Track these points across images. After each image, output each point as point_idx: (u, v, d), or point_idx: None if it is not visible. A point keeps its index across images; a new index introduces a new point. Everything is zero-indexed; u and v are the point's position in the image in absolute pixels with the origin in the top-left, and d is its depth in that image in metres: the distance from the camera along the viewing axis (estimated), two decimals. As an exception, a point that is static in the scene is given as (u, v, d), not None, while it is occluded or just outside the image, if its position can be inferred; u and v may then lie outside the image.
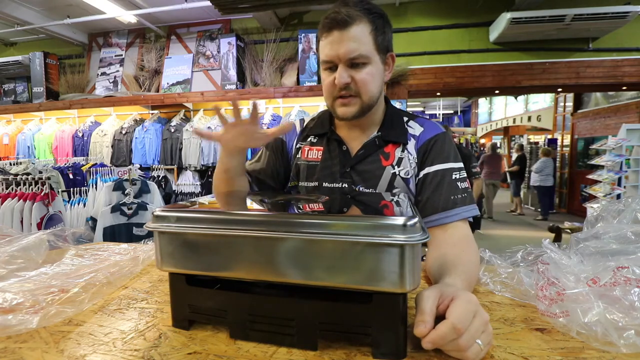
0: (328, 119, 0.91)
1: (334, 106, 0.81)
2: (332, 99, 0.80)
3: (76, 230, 0.88)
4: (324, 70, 0.80)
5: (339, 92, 0.78)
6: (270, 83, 3.51)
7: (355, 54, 0.74)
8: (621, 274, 0.47)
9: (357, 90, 0.77)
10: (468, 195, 0.79)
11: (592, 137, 6.74)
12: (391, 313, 0.41)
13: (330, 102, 0.81)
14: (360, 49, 0.74)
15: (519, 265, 0.65)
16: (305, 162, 0.90)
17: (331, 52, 0.75)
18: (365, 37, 0.75)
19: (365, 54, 0.75)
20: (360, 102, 0.79)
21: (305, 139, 0.92)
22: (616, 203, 0.69)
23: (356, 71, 0.76)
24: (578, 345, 0.44)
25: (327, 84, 0.79)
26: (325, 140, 0.89)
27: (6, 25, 3.83)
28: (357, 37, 0.74)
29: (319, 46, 0.80)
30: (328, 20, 0.75)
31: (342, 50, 0.74)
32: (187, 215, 0.47)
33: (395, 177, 0.81)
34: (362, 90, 0.77)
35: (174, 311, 0.50)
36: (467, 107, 13.97)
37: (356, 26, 0.74)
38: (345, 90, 0.77)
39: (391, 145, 0.83)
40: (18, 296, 0.55)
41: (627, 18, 3.01)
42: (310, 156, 0.90)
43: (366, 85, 0.77)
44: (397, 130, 0.84)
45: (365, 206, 0.60)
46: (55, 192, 2.35)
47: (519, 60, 3.49)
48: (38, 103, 3.95)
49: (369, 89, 0.78)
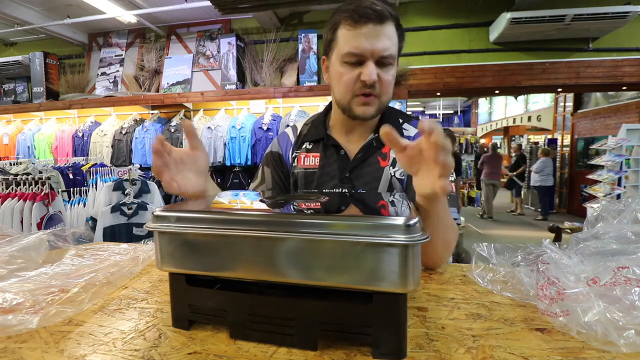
0: (322, 123, 0.89)
1: (351, 104, 0.76)
2: (351, 96, 0.75)
3: (76, 230, 0.88)
4: (343, 64, 0.74)
5: (362, 89, 0.73)
6: (270, 83, 3.51)
7: (388, 52, 0.71)
8: (621, 274, 0.47)
9: (380, 90, 0.74)
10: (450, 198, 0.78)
11: (592, 137, 6.75)
12: (391, 313, 0.41)
13: (348, 99, 0.76)
14: (392, 49, 0.72)
15: (519, 265, 0.65)
16: (303, 169, 0.87)
17: (365, 45, 0.70)
18: (394, 37, 0.73)
19: (394, 55, 0.73)
20: (379, 103, 0.76)
21: (300, 147, 0.89)
22: (616, 203, 0.69)
23: (383, 71, 0.73)
24: (578, 345, 0.44)
25: (349, 79, 0.73)
26: (322, 146, 0.86)
27: (6, 25, 3.83)
28: (391, 36, 0.71)
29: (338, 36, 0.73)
30: (362, 10, 0.69)
31: (379, 45, 0.70)
32: (187, 215, 0.47)
33: (392, 178, 0.81)
34: (384, 91, 0.75)
35: (174, 311, 0.50)
36: (467, 107, 13.97)
37: (390, 24, 0.71)
38: (370, 89, 0.73)
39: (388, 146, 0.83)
40: (18, 296, 0.55)
41: (627, 18, 3.01)
42: (307, 163, 0.87)
43: (389, 87, 0.75)
44: None
45: (363, 204, 0.60)
46: (55, 192, 2.35)
47: (519, 60, 3.49)
48: (38, 103, 3.95)
49: (389, 90, 0.76)
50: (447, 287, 0.63)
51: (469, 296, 0.59)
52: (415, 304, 0.56)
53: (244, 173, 3.42)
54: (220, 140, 3.34)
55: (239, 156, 3.29)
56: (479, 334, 0.47)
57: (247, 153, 3.26)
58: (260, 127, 3.26)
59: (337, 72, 0.75)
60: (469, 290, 0.62)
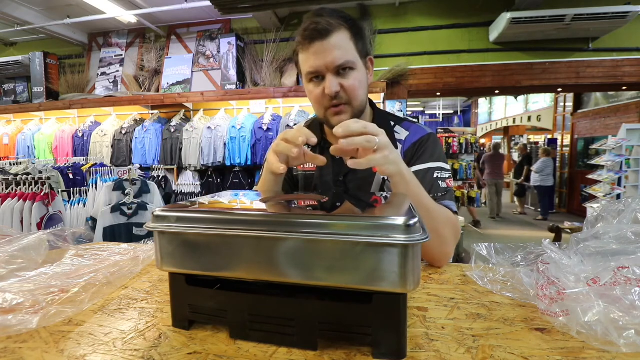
0: (319, 128, 0.91)
1: (327, 116, 0.80)
2: (323, 110, 0.79)
3: (76, 230, 0.88)
4: (308, 83, 0.79)
5: (330, 102, 0.77)
6: (270, 83, 3.51)
7: (342, 60, 0.74)
8: (621, 274, 0.47)
9: (347, 97, 0.77)
10: (448, 193, 0.80)
11: (592, 137, 6.75)
12: (391, 313, 0.41)
13: (323, 113, 0.80)
14: (346, 56, 0.75)
15: (519, 265, 0.65)
16: (303, 172, 0.91)
17: (317, 62, 0.74)
18: (347, 44, 0.76)
19: (351, 60, 0.75)
20: (352, 109, 0.79)
21: None
22: (616, 203, 0.69)
23: (344, 78, 0.76)
24: (578, 345, 0.43)
25: (316, 95, 0.78)
26: (319, 150, 0.88)
27: (6, 25, 3.83)
28: (340, 45, 0.74)
29: (300, 59, 0.79)
30: (308, 32, 0.74)
31: (329, 58, 0.74)
32: (187, 215, 0.47)
33: (384, 182, 0.83)
34: (352, 96, 0.77)
35: (174, 311, 0.50)
36: (467, 107, 13.97)
37: (337, 34, 0.74)
38: (337, 100, 0.76)
39: None
40: (18, 296, 0.55)
41: (627, 18, 3.01)
42: (306, 166, 0.91)
43: (355, 91, 0.77)
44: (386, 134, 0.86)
45: (362, 204, 0.60)
46: (55, 192, 2.35)
47: (519, 60, 3.50)
48: (38, 103, 3.95)
49: (358, 95, 0.78)
50: (447, 287, 0.63)
51: (469, 296, 0.59)
52: (415, 304, 0.56)
53: (244, 173, 3.41)
54: (220, 140, 3.34)
55: (239, 156, 3.29)
56: (479, 334, 0.47)
57: (247, 153, 3.26)
58: (260, 127, 3.26)
59: (308, 91, 0.81)
60: (469, 290, 0.62)
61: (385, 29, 3.62)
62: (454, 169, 5.57)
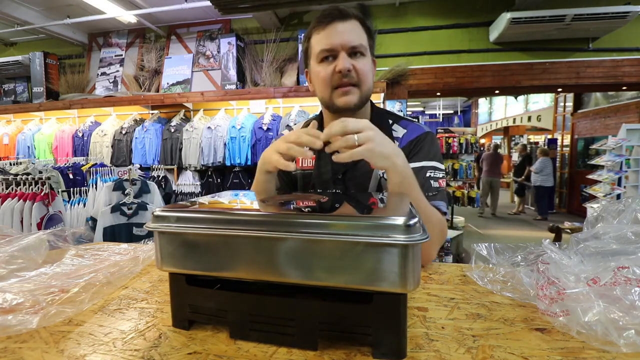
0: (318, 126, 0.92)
1: (332, 97, 0.80)
2: (330, 90, 0.79)
3: (76, 230, 0.88)
4: (319, 63, 0.80)
5: (339, 80, 0.77)
6: (270, 83, 3.51)
7: (358, 42, 0.77)
8: (621, 274, 0.47)
9: (357, 79, 0.78)
10: (439, 193, 0.80)
11: (592, 137, 6.74)
12: (391, 313, 0.41)
13: (329, 93, 0.80)
14: (361, 40, 0.78)
15: (519, 265, 0.65)
16: (301, 171, 0.91)
17: (333, 40, 0.76)
18: (362, 33, 0.79)
19: (365, 45, 0.78)
20: (359, 92, 0.79)
21: None
22: (616, 203, 0.68)
23: (356, 61, 0.78)
24: (578, 345, 0.43)
25: (326, 74, 0.78)
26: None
27: (6, 25, 3.83)
28: (356, 30, 0.78)
29: (312, 42, 0.81)
30: (328, 12, 0.77)
31: (345, 37, 0.76)
32: (187, 215, 0.47)
33: (380, 179, 0.83)
34: (362, 79, 0.78)
35: (174, 311, 0.50)
36: (467, 107, 13.97)
37: (355, 21, 0.78)
38: (347, 78, 0.77)
39: None
40: (18, 296, 0.55)
41: (627, 18, 3.01)
42: (304, 165, 0.91)
43: (366, 75, 0.79)
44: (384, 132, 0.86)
45: (362, 204, 0.60)
46: (55, 192, 2.35)
47: (519, 60, 3.50)
48: (38, 103, 3.95)
49: (367, 79, 0.80)
50: (447, 287, 0.63)
51: (468, 296, 0.59)
52: (415, 304, 0.56)
53: (244, 173, 3.41)
54: (220, 140, 3.34)
55: (239, 156, 3.29)
56: (479, 334, 0.47)
57: (247, 153, 3.26)
58: (260, 127, 3.26)
59: (316, 72, 0.81)
60: (469, 290, 0.62)
61: (385, 29, 3.62)
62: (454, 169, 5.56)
